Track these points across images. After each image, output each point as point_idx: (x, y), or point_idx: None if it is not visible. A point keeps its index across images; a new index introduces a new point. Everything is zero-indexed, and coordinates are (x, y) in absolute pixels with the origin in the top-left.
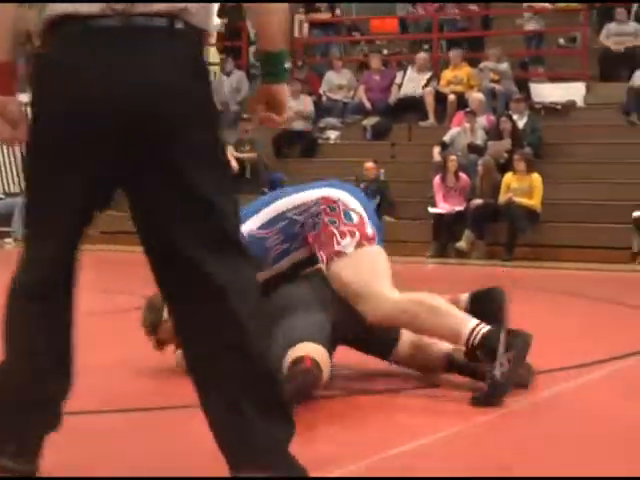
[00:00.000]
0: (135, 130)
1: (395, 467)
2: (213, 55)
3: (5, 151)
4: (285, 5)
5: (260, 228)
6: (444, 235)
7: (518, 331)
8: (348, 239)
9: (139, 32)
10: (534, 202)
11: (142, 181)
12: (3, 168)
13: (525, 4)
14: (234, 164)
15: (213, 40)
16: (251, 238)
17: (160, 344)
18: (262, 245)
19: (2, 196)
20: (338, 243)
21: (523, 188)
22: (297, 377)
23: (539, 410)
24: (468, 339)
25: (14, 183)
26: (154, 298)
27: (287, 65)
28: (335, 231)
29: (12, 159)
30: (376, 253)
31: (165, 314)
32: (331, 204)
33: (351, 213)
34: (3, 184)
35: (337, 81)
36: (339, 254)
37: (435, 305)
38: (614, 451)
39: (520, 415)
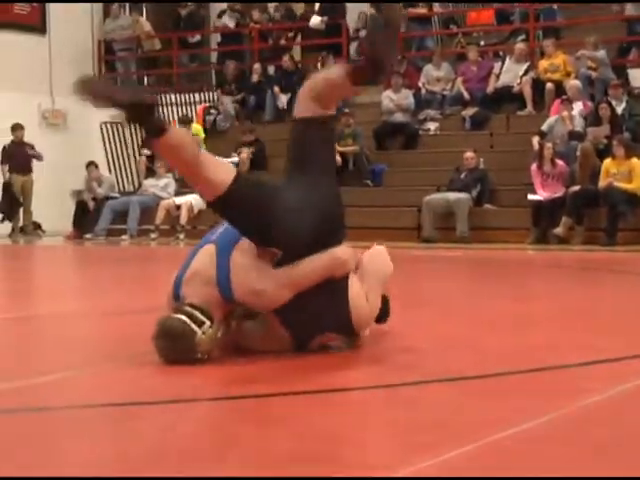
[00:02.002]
0: None
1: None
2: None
3: (120, 152)
4: None
5: None
6: (544, 221)
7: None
8: None
9: None
10: (634, 186)
11: None
12: (119, 168)
13: None
14: (337, 158)
15: None
16: None
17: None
18: None
19: (118, 195)
20: None
21: (622, 173)
22: None
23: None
24: None
25: (129, 182)
26: (171, 325)
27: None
28: None
29: (126, 159)
30: None
31: (199, 330)
32: None
33: None
34: (119, 183)
35: (435, 74)
36: None
37: None
38: None
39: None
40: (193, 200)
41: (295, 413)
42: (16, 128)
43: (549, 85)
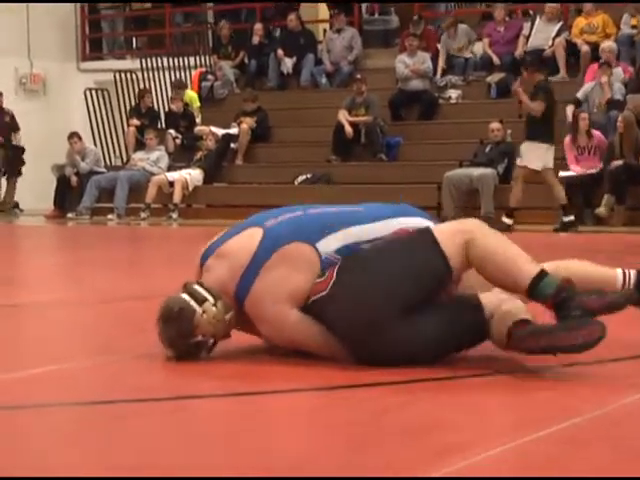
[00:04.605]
0: None
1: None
2: (322, 11)
3: (106, 121)
4: None
5: (336, 252)
6: (579, 200)
7: None
8: None
9: None
10: None
11: None
12: (105, 140)
13: None
14: (348, 129)
15: None
16: (326, 260)
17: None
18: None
19: (104, 170)
20: None
21: None
22: None
23: None
24: None
25: (116, 156)
26: (168, 304)
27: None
28: None
29: (113, 130)
30: None
31: (198, 308)
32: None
33: None
34: (105, 157)
35: (455, 45)
36: None
37: None
38: None
39: None
40: (188, 176)
41: (301, 412)
42: None
43: (585, 48)
